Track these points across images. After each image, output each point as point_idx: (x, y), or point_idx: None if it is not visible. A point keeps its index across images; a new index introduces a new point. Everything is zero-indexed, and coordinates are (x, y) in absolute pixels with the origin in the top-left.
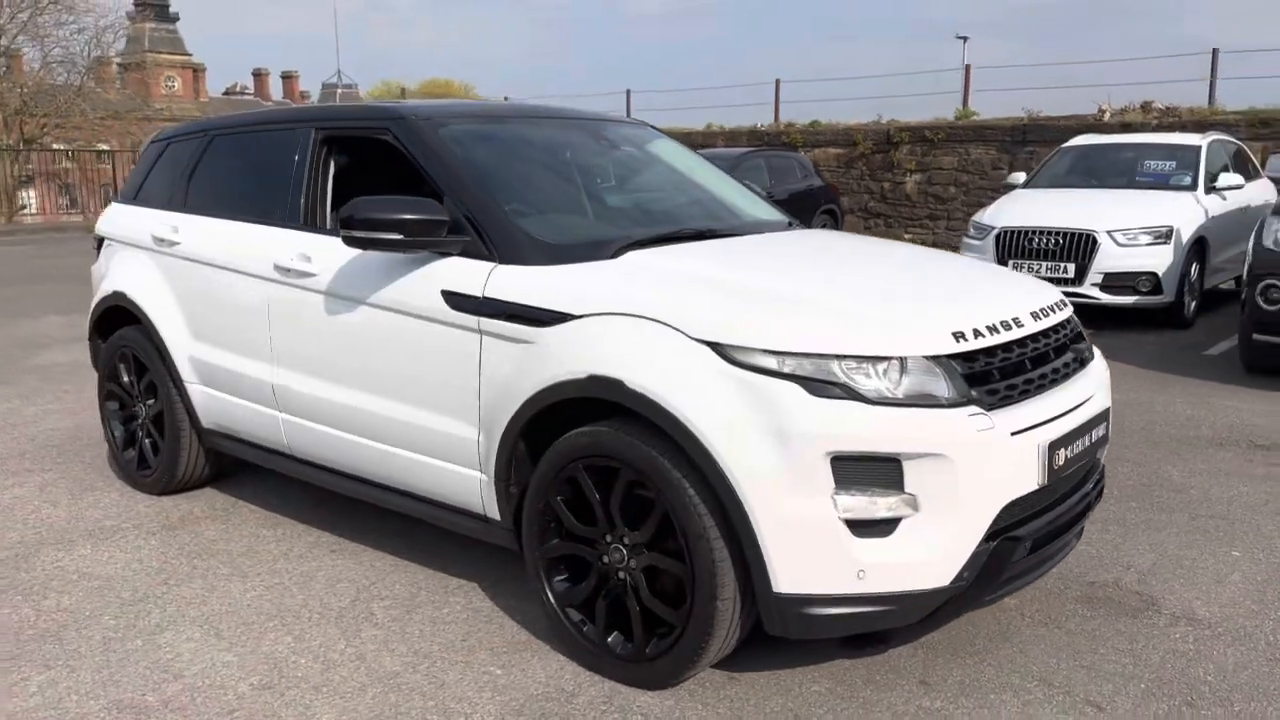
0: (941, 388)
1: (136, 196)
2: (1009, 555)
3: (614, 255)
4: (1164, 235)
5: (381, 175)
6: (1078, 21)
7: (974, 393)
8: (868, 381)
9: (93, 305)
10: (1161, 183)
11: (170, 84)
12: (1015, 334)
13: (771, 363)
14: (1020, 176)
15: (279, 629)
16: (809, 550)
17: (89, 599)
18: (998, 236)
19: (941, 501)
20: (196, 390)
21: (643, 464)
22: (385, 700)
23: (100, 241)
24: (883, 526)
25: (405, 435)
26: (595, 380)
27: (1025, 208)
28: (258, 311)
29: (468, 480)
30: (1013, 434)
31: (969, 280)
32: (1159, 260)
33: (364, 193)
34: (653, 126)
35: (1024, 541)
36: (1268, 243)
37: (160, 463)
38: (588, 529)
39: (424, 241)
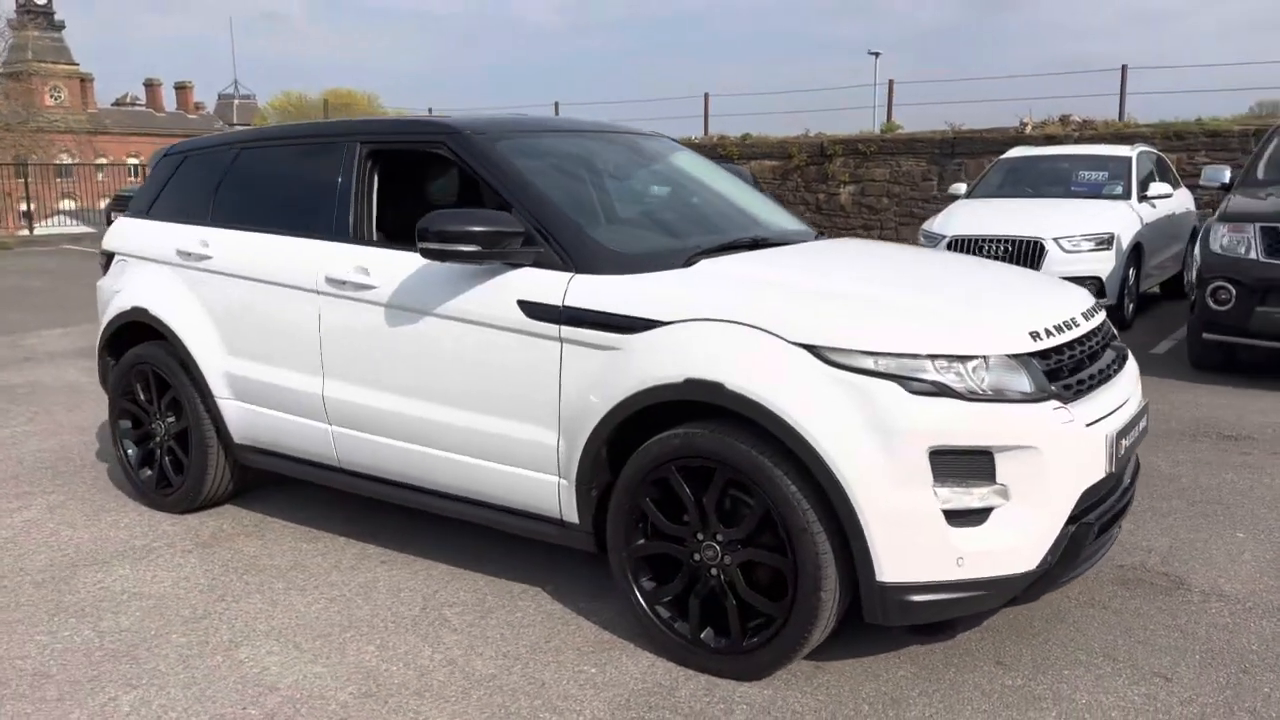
0: (1025, 383)
1: (150, 211)
2: (1085, 539)
3: (686, 264)
4: (1106, 241)
5: (425, 188)
6: (975, 41)
7: (1053, 387)
8: (959, 379)
9: (105, 322)
10: (1095, 192)
11: (57, 95)
12: (1074, 333)
13: (869, 363)
14: (962, 187)
15: (358, 639)
16: (911, 540)
17: (149, 618)
18: (949, 244)
19: (1030, 490)
20: (230, 405)
21: (742, 463)
22: (491, 702)
23: (109, 257)
24: (976, 516)
25: (478, 444)
26: (692, 384)
27: (972, 217)
28: (305, 324)
29: (544, 485)
30: (1086, 425)
31: (1023, 284)
32: (1103, 265)
33: (409, 205)
34: (671, 139)
35: (1094, 526)
36: (1214, 247)
37: (185, 480)
38: (678, 528)
39: (499, 253)
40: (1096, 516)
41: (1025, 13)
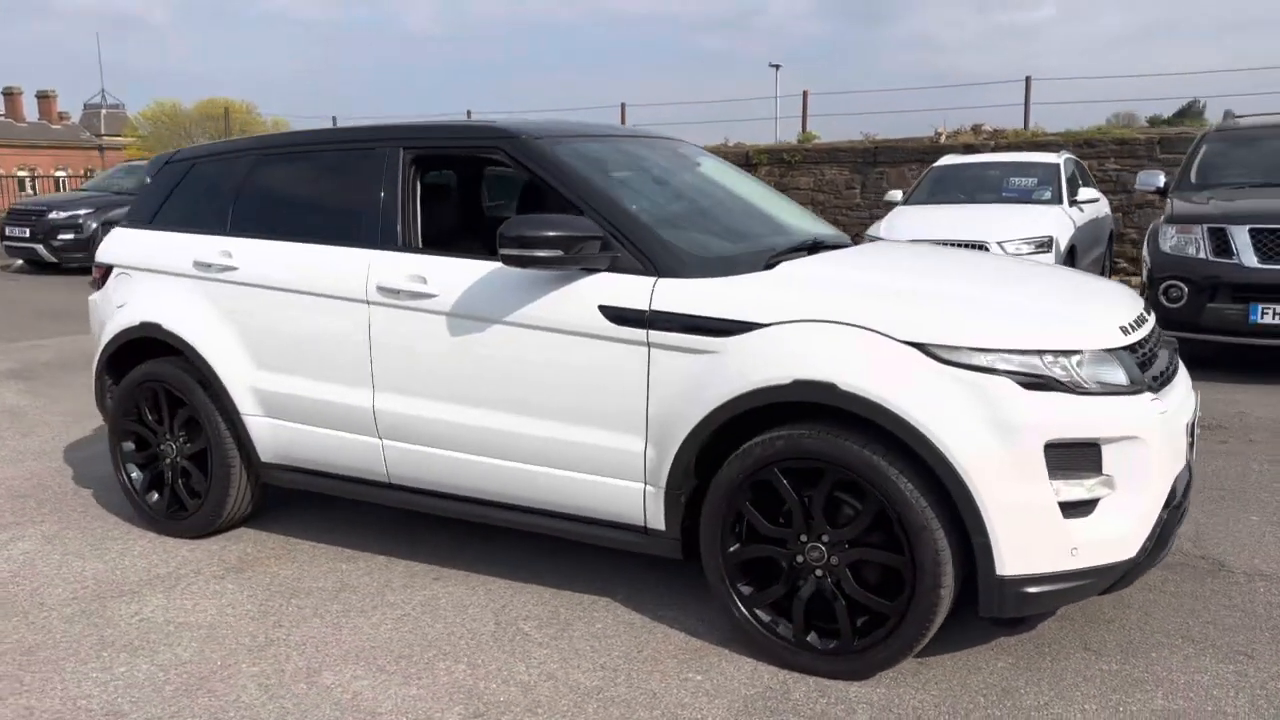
0: (1121, 376)
1: (153, 220)
2: (1174, 527)
3: (766, 266)
4: (1045, 244)
5: (471, 193)
6: (851, 55)
7: (1145, 379)
8: (1065, 373)
9: (105, 339)
10: (1025, 197)
11: None
12: (1145, 330)
13: (982, 360)
14: (898, 194)
15: (443, 658)
16: (1031, 533)
17: (208, 648)
18: None
19: (1133, 480)
20: (258, 423)
21: (855, 463)
22: (609, 714)
23: (106, 271)
24: (1086, 506)
25: (554, 453)
26: (801, 384)
27: (915, 222)
28: (352, 336)
29: (628, 492)
30: (1171, 415)
31: (1091, 283)
32: None
33: (454, 211)
34: (695, 145)
35: (1180, 514)
36: (1164, 248)
37: (203, 503)
38: (780, 530)
39: (578, 258)
40: (1179, 505)
41: (897, 28)
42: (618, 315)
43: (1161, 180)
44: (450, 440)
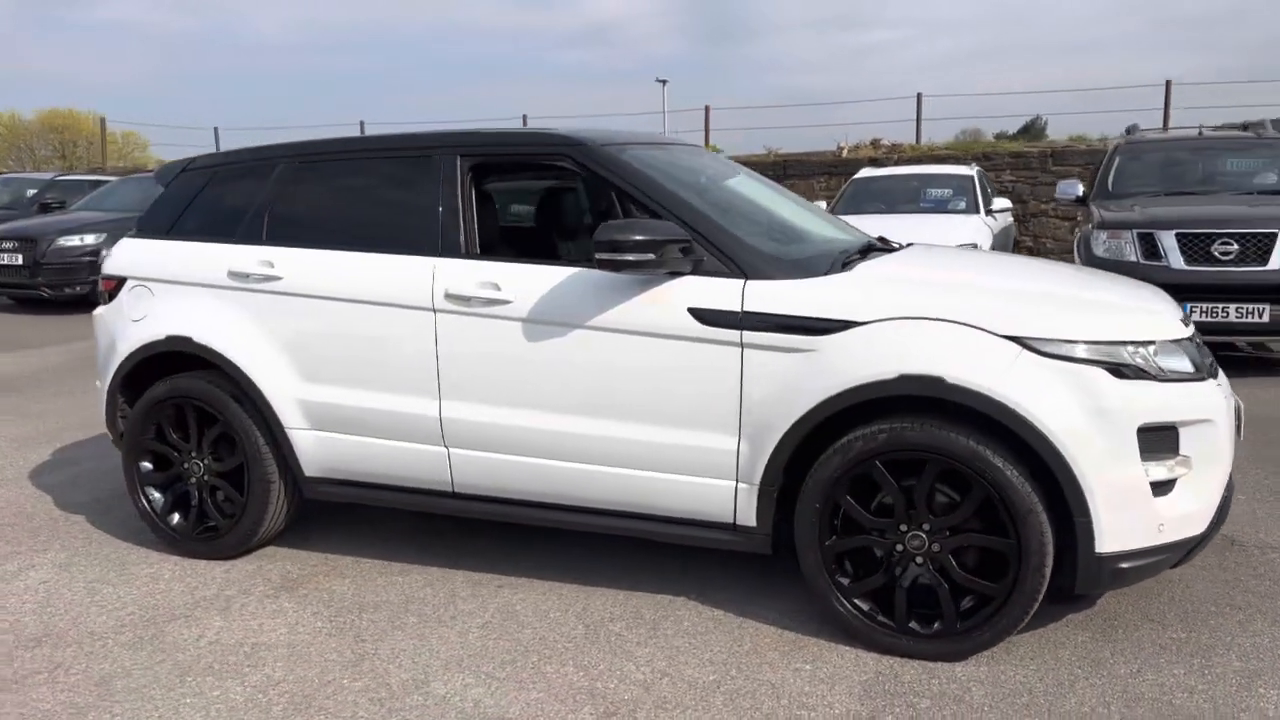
0: (1187, 364)
1: (171, 230)
2: (1229, 505)
3: (845, 268)
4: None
5: (528, 201)
6: (713, 72)
7: (1206, 366)
8: (1145, 362)
9: (121, 355)
10: (941, 207)
11: None
12: (1190, 323)
13: (1077, 351)
14: (823, 204)
15: (547, 661)
16: (1127, 512)
17: (297, 667)
18: None
19: (1206, 459)
20: (305, 436)
21: (961, 453)
22: (739, 706)
23: (119, 283)
24: (1167, 486)
25: (642, 455)
26: (907, 379)
27: None
28: (416, 344)
29: (719, 491)
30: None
31: (1129, 283)
32: None
33: (511, 218)
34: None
35: (1230, 489)
36: (1098, 252)
37: (238, 521)
38: (881, 520)
39: (667, 261)
40: (1230, 482)
41: (750, 48)
42: (709, 317)
43: (1080, 190)
44: (527, 446)
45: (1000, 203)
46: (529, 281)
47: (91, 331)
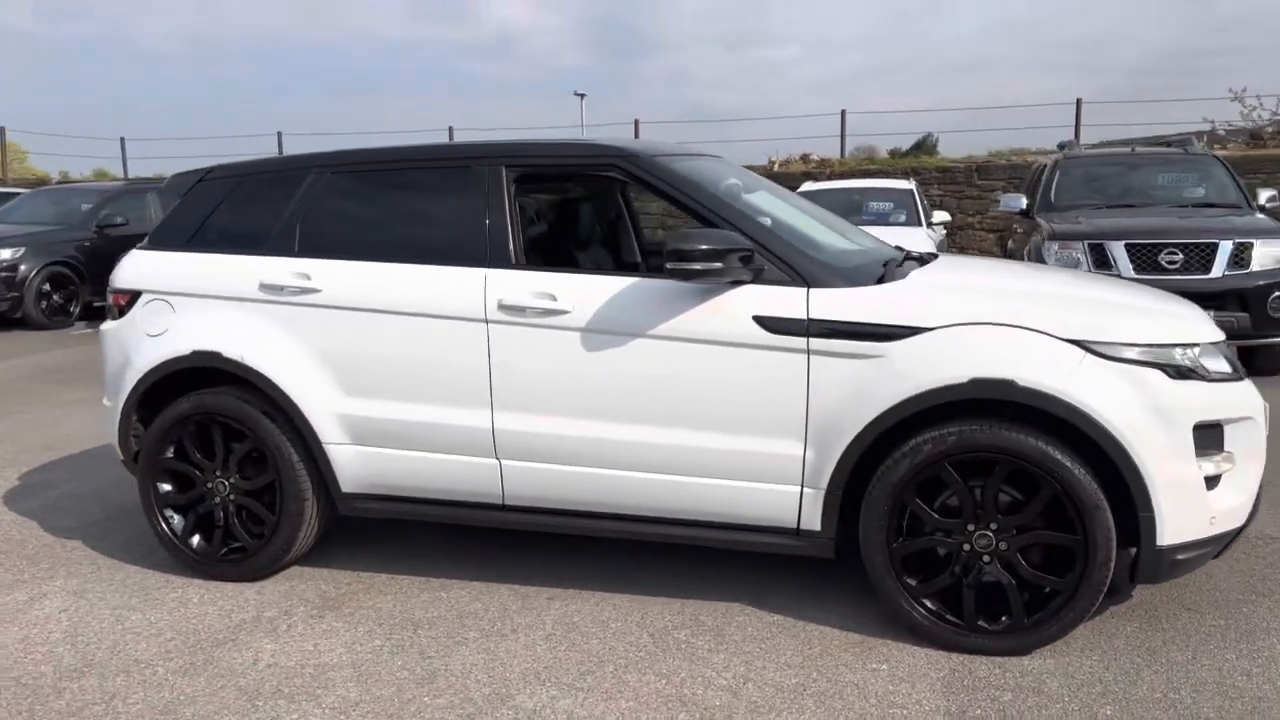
0: (1224, 365)
1: (190, 242)
2: (1260, 498)
3: (900, 276)
4: None
5: (568, 210)
6: (617, 87)
7: (1241, 368)
8: (1192, 363)
9: (138, 372)
10: (883, 220)
11: None
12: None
13: (1134, 354)
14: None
15: (626, 671)
16: (1184, 506)
17: (370, 686)
18: None
19: (1247, 456)
20: (344, 451)
21: (1030, 453)
22: (829, 708)
23: (132, 297)
24: (1215, 481)
25: (704, 462)
26: (979, 383)
27: None
28: (467, 356)
29: (783, 496)
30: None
31: (1156, 292)
32: None
33: (551, 228)
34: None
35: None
36: (1050, 262)
37: (268, 542)
38: (948, 521)
39: (731, 270)
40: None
41: (654, 63)
42: (775, 325)
43: (1023, 203)
44: (585, 456)
45: (939, 215)
46: (586, 291)
47: (17, 350)
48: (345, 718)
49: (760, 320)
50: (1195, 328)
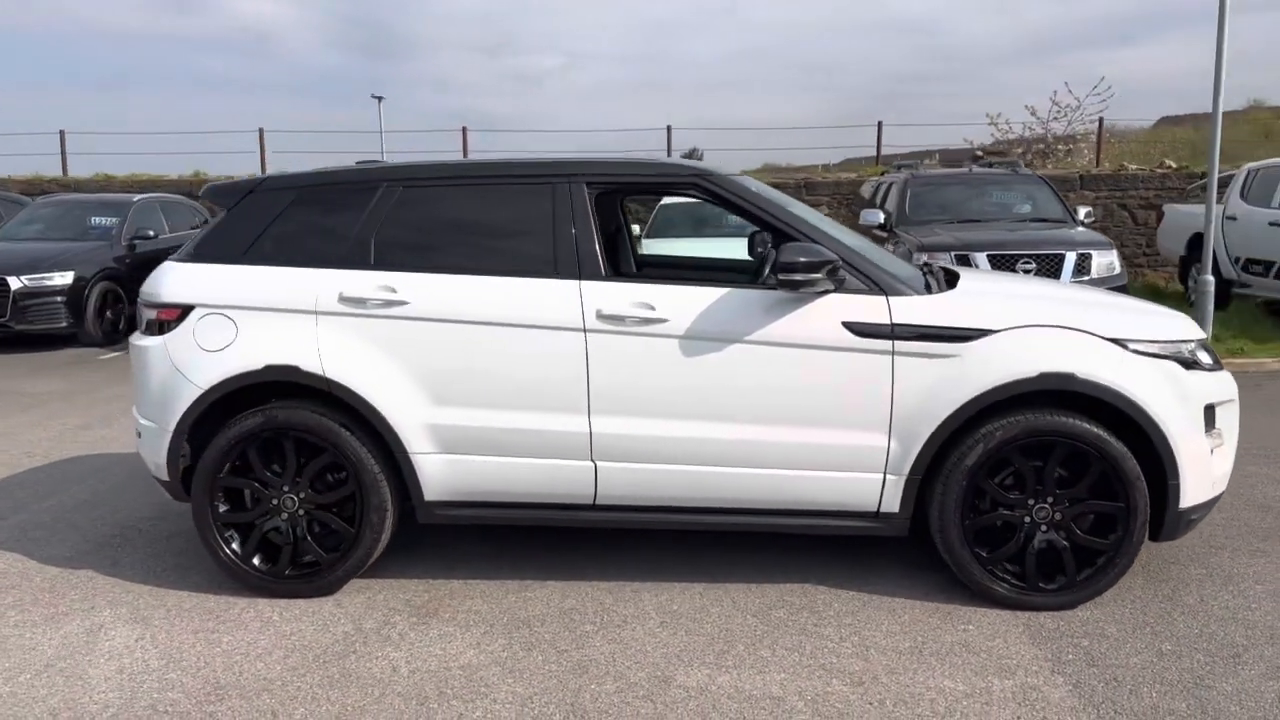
0: (1209, 358)
1: (247, 254)
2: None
3: (951, 285)
4: None
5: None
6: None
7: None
8: (1193, 356)
9: (202, 389)
10: (743, 231)
11: None
12: None
13: (1157, 349)
14: (636, 228)
15: (757, 647)
16: (1200, 474)
17: (532, 681)
18: None
19: (1230, 431)
20: (432, 460)
21: (1086, 435)
22: (951, 663)
23: (183, 311)
24: (1213, 453)
25: (796, 456)
26: (1046, 376)
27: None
28: (565, 363)
29: (867, 483)
30: None
31: (1128, 297)
32: None
33: (617, 241)
34: None
35: None
36: None
37: (347, 556)
38: (1017, 496)
39: (828, 280)
40: None
41: (412, 66)
42: (864, 329)
43: (881, 217)
44: (681, 455)
45: None
46: (682, 301)
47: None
48: (530, 709)
49: (850, 325)
50: (1191, 327)
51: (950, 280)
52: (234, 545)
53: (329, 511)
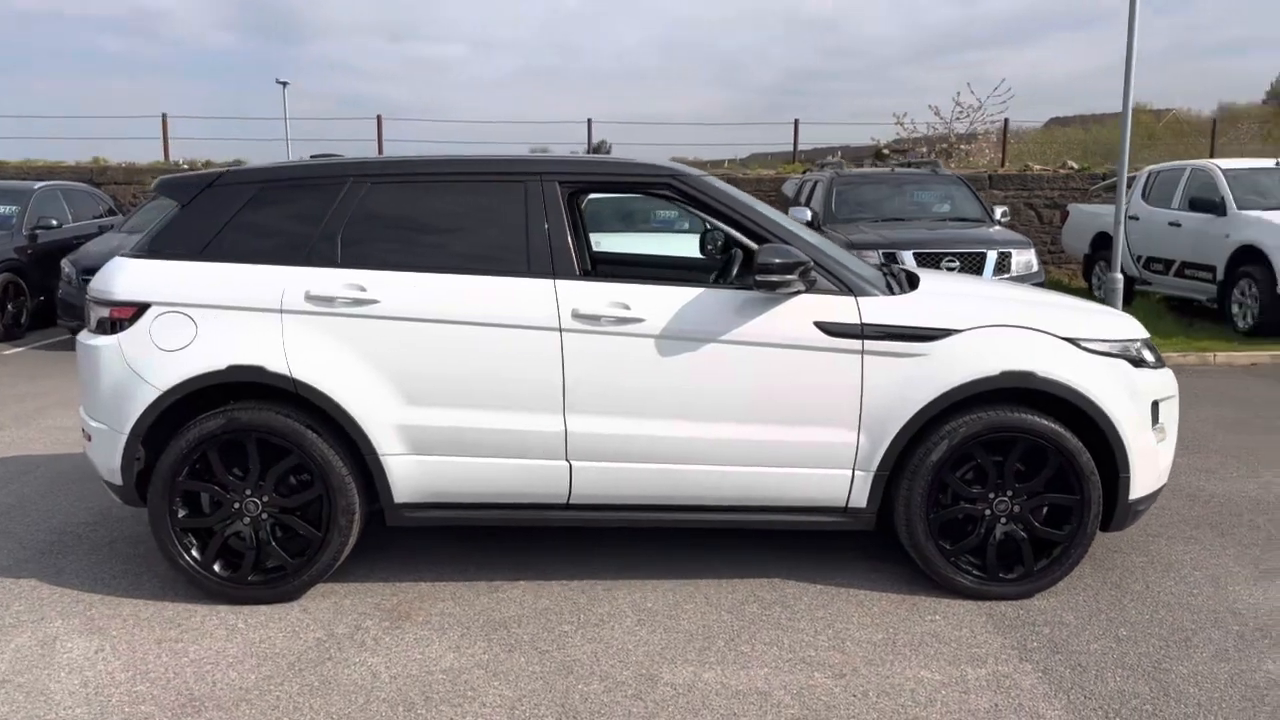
0: (1151, 355)
1: (205, 251)
2: None
3: (912, 286)
4: None
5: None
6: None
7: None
8: (1138, 354)
9: (159, 390)
10: (669, 227)
11: None
12: None
13: (1108, 347)
14: None
15: (737, 643)
16: (1148, 466)
17: (518, 683)
18: None
19: (1171, 426)
20: (402, 462)
21: (1045, 431)
22: (926, 652)
23: (138, 309)
24: (1158, 446)
25: (769, 453)
26: (1008, 374)
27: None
28: (540, 363)
29: (836, 479)
30: None
31: (1075, 298)
32: None
33: (583, 240)
34: None
35: None
36: None
37: (313, 560)
38: (979, 490)
39: (801, 281)
40: None
41: (310, 49)
42: (835, 329)
43: (809, 215)
44: (656, 454)
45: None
46: (658, 300)
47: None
48: (521, 711)
49: (821, 325)
50: (1136, 326)
51: (911, 281)
52: (193, 552)
53: (294, 515)
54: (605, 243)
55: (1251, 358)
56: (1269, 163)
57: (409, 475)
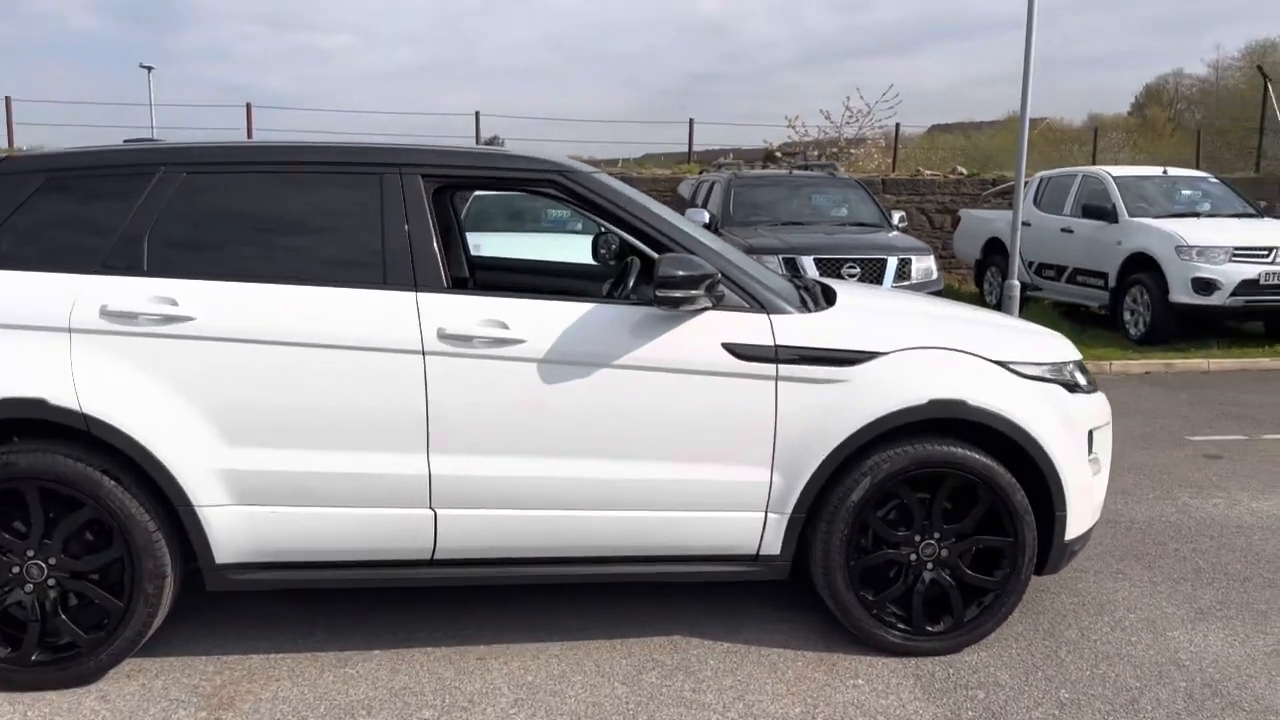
0: (1084, 380)
1: None
2: None
3: (832, 302)
4: None
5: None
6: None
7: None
8: (1073, 378)
9: None
10: (561, 227)
11: None
12: None
13: (1040, 371)
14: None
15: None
16: (1084, 502)
17: None
18: None
19: (1105, 458)
20: (225, 514)
21: (976, 466)
22: None
23: None
24: (1093, 479)
25: (671, 494)
26: (936, 403)
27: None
28: (399, 392)
29: (746, 523)
30: None
31: (1000, 314)
32: None
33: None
34: None
35: None
36: None
37: (114, 635)
38: (904, 533)
39: (706, 297)
40: None
41: (186, 35)
42: (745, 352)
43: (707, 217)
44: (538, 498)
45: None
46: (541, 318)
47: None
48: None
49: (730, 348)
50: (1067, 347)
51: (827, 295)
52: None
53: (87, 581)
54: (488, 245)
55: (1145, 365)
56: (1157, 171)
57: (234, 531)
